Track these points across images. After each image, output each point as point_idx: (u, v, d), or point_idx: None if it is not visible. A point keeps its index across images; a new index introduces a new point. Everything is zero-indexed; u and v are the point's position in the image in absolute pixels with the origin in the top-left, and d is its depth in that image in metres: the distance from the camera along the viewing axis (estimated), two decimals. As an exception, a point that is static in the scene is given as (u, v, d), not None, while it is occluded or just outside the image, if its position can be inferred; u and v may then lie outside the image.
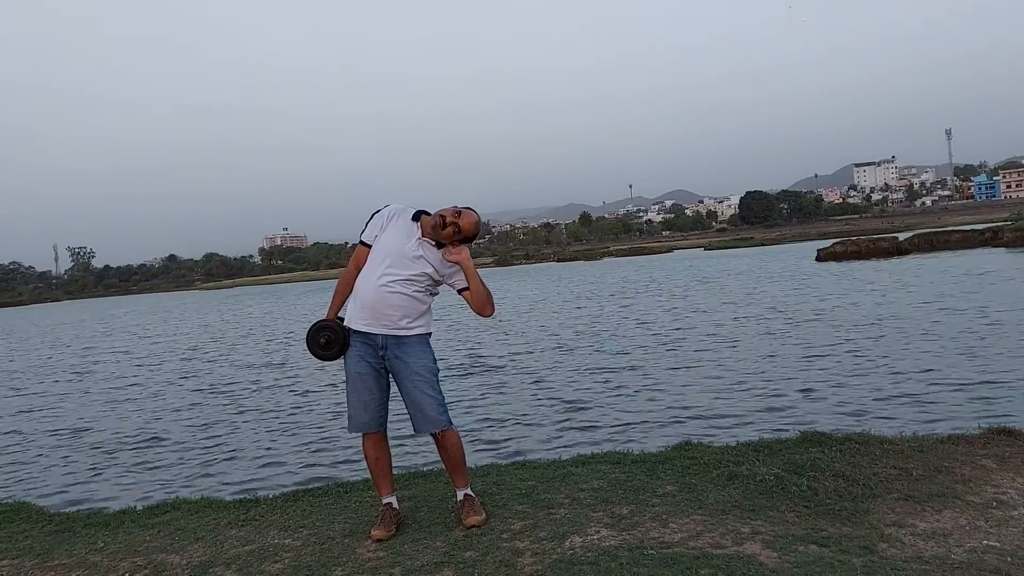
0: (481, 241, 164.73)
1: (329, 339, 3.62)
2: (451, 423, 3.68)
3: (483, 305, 3.62)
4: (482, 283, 3.60)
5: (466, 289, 3.62)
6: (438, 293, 3.75)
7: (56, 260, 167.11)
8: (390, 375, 3.66)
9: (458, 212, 3.56)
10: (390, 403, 3.72)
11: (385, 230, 3.64)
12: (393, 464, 3.85)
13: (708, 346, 12.55)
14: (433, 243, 3.59)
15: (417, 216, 3.65)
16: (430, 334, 3.72)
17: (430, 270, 3.58)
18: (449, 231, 3.53)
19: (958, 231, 38.01)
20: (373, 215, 3.72)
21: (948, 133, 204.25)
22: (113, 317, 47.92)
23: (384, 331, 3.56)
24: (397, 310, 3.54)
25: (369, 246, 3.66)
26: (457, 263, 3.58)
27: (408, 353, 3.59)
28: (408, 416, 3.67)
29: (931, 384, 8.23)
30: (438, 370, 3.70)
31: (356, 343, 3.61)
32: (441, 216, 3.54)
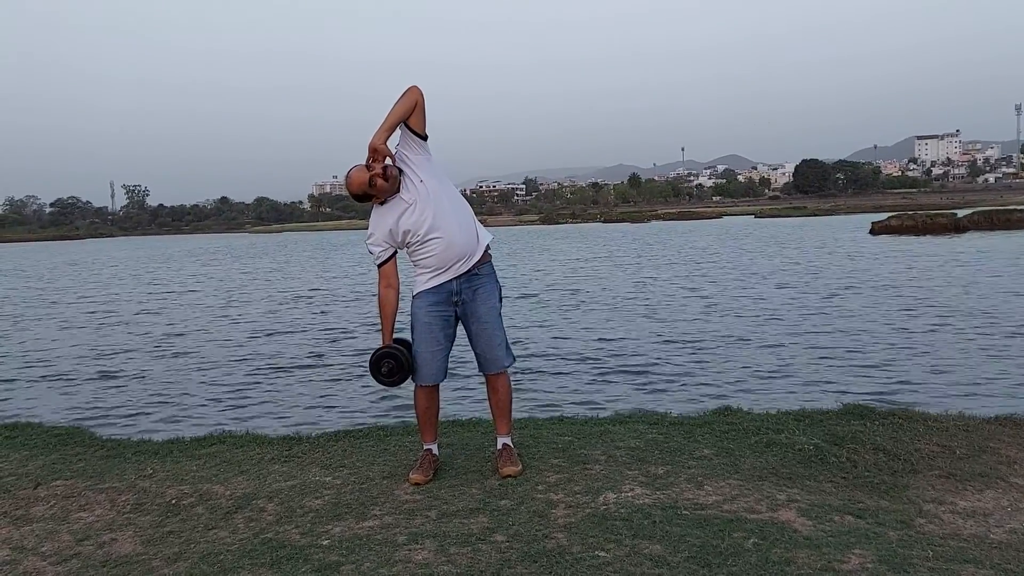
0: (527, 198, 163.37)
1: (391, 368, 3.59)
2: (515, 359, 3.76)
3: (407, 99, 3.43)
4: (389, 115, 3.41)
5: (410, 130, 3.48)
6: (457, 187, 3.70)
7: (112, 197, 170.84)
8: (458, 322, 3.69)
9: (363, 176, 3.43)
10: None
11: (387, 226, 3.52)
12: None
13: (757, 314, 12.42)
14: (392, 191, 3.49)
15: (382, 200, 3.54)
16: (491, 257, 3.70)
17: (423, 185, 3.48)
18: (378, 183, 3.41)
19: (1020, 210, 36.69)
20: (368, 245, 3.61)
21: (1018, 108, 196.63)
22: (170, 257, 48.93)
23: (458, 271, 3.56)
24: (465, 229, 3.53)
25: (391, 257, 3.59)
26: (387, 152, 3.42)
27: (479, 293, 3.61)
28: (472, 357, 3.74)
29: (983, 364, 8.05)
30: (502, 306, 3.73)
31: (426, 295, 3.60)
32: (370, 183, 3.42)
